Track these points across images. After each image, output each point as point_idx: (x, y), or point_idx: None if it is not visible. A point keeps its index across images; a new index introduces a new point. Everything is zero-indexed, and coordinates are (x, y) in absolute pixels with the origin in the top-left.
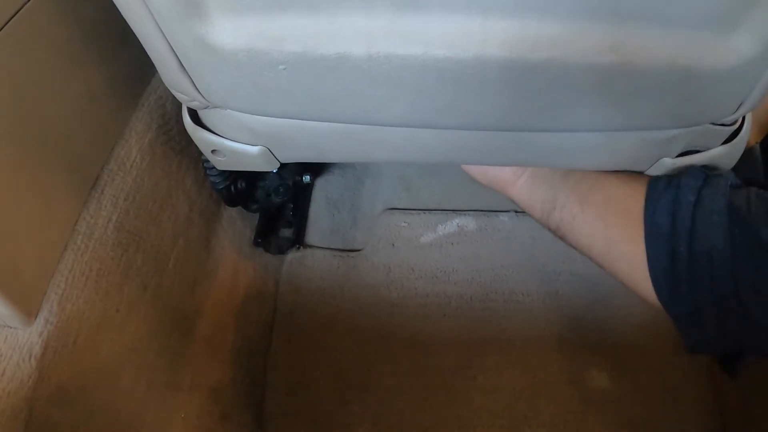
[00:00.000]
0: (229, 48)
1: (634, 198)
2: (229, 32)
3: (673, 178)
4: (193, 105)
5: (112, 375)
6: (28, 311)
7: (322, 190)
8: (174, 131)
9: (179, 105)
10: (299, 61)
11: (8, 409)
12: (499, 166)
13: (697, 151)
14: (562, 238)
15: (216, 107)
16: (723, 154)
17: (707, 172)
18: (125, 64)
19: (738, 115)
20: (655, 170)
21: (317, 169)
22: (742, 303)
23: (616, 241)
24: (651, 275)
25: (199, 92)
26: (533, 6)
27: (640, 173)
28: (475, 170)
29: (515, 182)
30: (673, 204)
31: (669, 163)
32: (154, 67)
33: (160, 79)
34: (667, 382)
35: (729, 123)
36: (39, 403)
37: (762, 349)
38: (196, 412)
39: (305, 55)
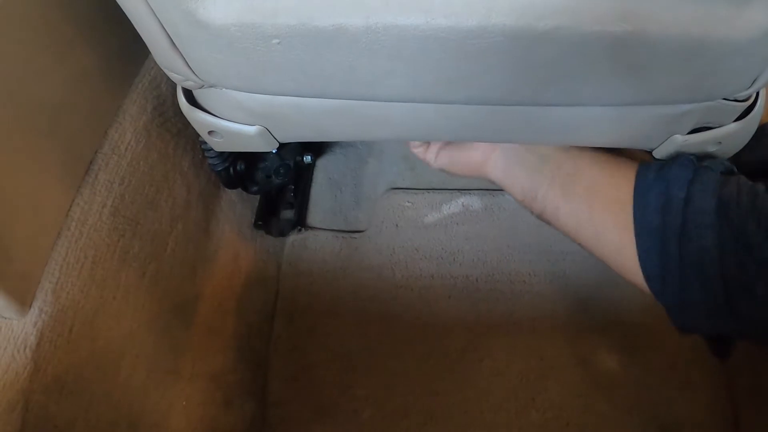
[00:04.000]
0: (221, 23)
1: (618, 187)
2: (220, 6)
3: (663, 166)
4: (187, 85)
5: (110, 364)
6: (22, 301)
7: (324, 171)
8: (170, 113)
9: (174, 86)
10: (294, 35)
11: (4, 401)
12: (467, 150)
13: (709, 128)
14: (547, 223)
15: (211, 86)
16: (735, 132)
17: (696, 161)
18: (117, 45)
19: (752, 90)
20: (665, 147)
21: (318, 148)
22: (730, 301)
23: (603, 230)
24: (642, 268)
25: (192, 71)
26: None
27: (619, 160)
28: (443, 162)
29: (486, 162)
30: (663, 199)
31: (680, 140)
32: (147, 48)
33: (154, 60)
34: (677, 362)
35: (742, 99)
36: (35, 394)
37: (752, 339)
38: (198, 399)
39: (300, 27)
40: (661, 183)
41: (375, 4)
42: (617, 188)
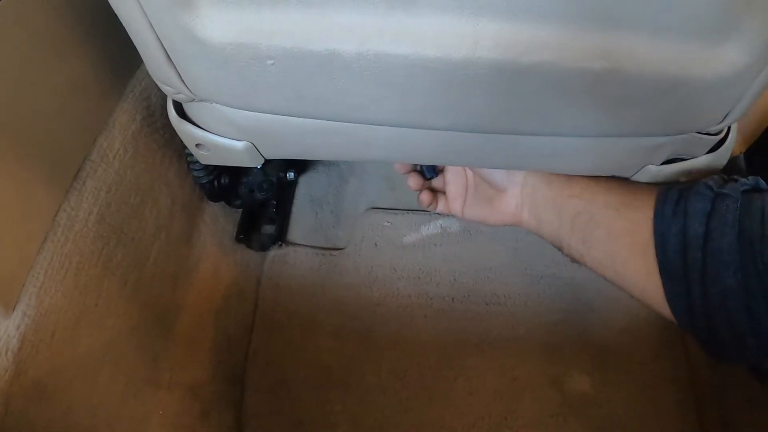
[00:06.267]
0: (217, 41)
1: (636, 230)
2: (218, 25)
3: (680, 199)
4: (179, 98)
5: (90, 371)
6: (6, 303)
7: (306, 188)
8: (158, 124)
9: (164, 97)
10: (288, 57)
11: None
12: (498, 209)
13: (682, 159)
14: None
15: (202, 101)
16: (707, 163)
17: (715, 185)
18: (110, 53)
19: (724, 124)
20: (639, 177)
21: (301, 166)
22: (759, 339)
23: (626, 276)
24: (670, 309)
25: (185, 85)
26: (525, 9)
27: (633, 196)
28: (473, 216)
29: (520, 216)
30: (683, 237)
31: (654, 170)
32: (140, 58)
33: (146, 71)
34: (647, 386)
35: (715, 132)
36: (15, 398)
37: None
38: (175, 409)
39: (294, 50)
40: (679, 219)
41: (369, 32)
42: (635, 232)
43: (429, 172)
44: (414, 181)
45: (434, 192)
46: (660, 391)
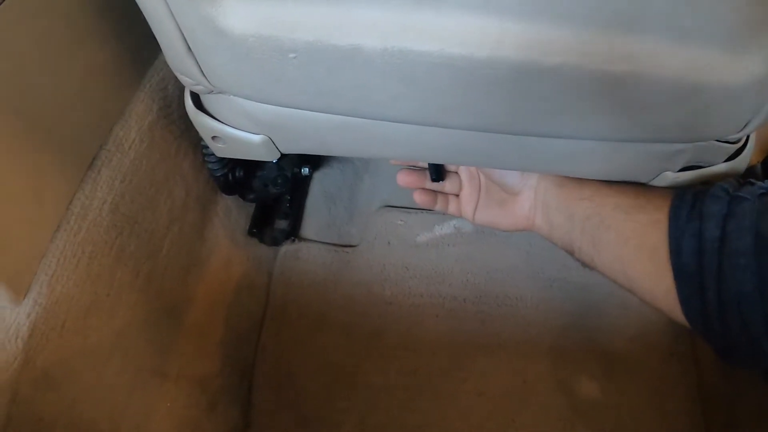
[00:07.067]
0: (239, 32)
1: (645, 232)
2: (241, 16)
3: (696, 201)
4: (197, 89)
5: (98, 361)
6: (17, 290)
7: (320, 184)
8: (174, 115)
9: (181, 88)
10: (311, 51)
11: None
12: (511, 213)
13: (700, 167)
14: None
15: (220, 93)
16: (725, 172)
17: (731, 188)
18: (129, 43)
19: (743, 133)
20: (657, 183)
21: (316, 161)
22: None
23: (635, 278)
24: (684, 313)
25: (205, 76)
26: (549, 10)
27: (644, 199)
28: (484, 220)
29: (533, 220)
30: (698, 240)
31: (671, 177)
32: (158, 48)
33: (164, 61)
34: (655, 392)
35: (733, 141)
36: (23, 386)
37: None
38: (183, 402)
39: (317, 44)
40: (695, 222)
41: (393, 28)
42: (645, 235)
43: (435, 175)
44: (403, 178)
45: (433, 193)
46: (667, 398)
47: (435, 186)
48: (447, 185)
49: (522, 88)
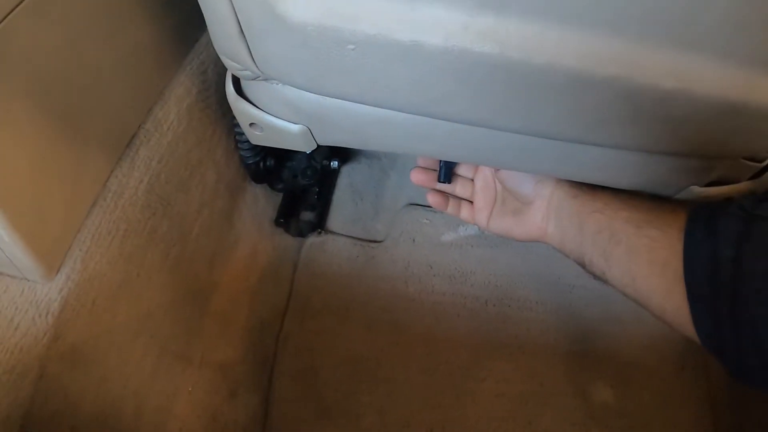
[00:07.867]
0: (299, 20)
1: (655, 247)
2: (301, 4)
3: (711, 218)
4: (243, 74)
5: (126, 340)
6: (50, 266)
7: (348, 178)
8: (212, 99)
9: (220, 73)
10: (371, 44)
11: (19, 366)
12: (524, 222)
13: (723, 183)
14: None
15: (265, 79)
16: (749, 189)
17: (749, 206)
18: (172, 24)
19: None
20: (682, 196)
21: (345, 155)
22: None
23: (645, 293)
24: (697, 332)
25: (254, 62)
26: (608, 22)
27: (656, 213)
28: (498, 229)
29: (545, 230)
30: (713, 260)
31: (697, 191)
32: (200, 31)
33: (205, 44)
34: (667, 402)
35: (759, 159)
36: (51, 362)
37: None
38: (204, 387)
39: (378, 37)
40: (710, 241)
41: (455, 27)
42: (655, 250)
43: (443, 176)
44: (416, 175)
45: (444, 195)
46: (677, 409)
47: (444, 187)
48: (457, 189)
49: (574, 96)
